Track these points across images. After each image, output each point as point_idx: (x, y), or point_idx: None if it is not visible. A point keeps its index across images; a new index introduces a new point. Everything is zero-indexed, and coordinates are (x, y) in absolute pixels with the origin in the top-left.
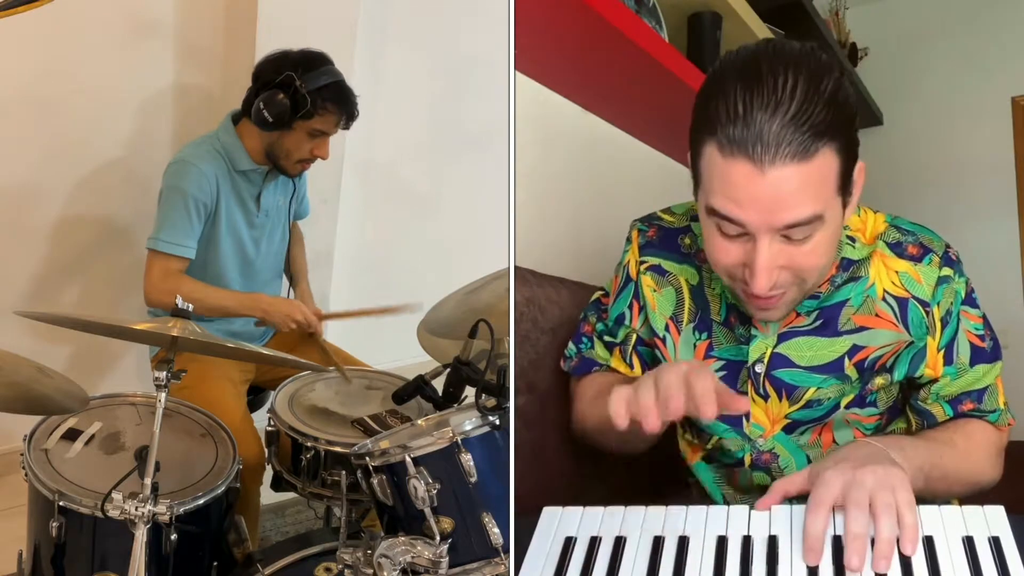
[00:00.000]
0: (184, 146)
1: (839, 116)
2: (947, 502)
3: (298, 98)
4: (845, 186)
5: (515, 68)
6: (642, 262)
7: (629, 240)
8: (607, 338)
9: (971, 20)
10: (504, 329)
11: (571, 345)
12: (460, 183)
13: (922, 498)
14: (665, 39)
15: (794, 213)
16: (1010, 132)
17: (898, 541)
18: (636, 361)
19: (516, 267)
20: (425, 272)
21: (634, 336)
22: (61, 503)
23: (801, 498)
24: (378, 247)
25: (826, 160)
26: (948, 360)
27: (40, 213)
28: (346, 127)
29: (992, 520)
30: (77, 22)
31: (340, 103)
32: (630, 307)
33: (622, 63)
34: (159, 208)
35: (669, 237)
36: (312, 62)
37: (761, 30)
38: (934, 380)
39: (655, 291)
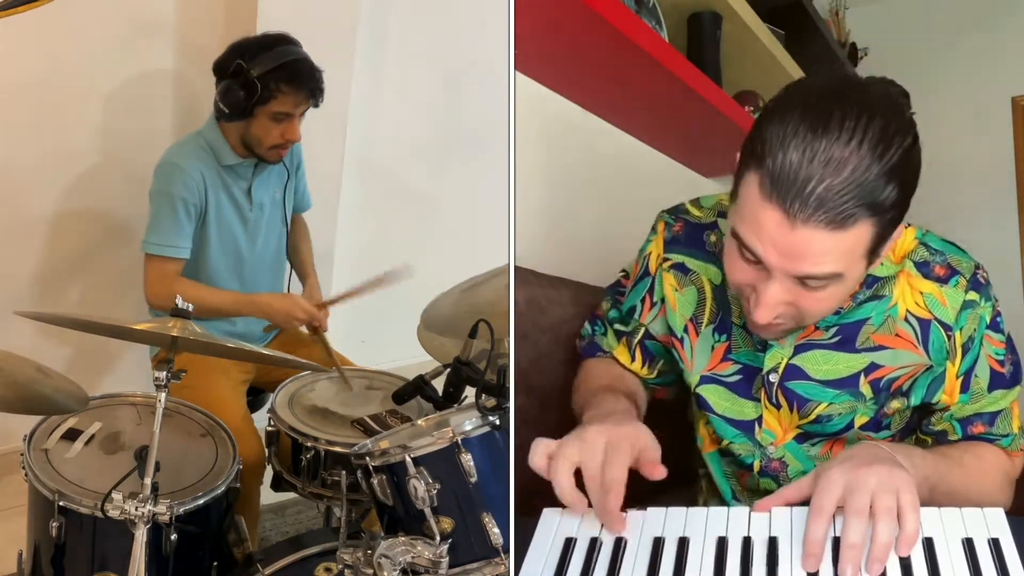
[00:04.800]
0: (170, 146)
1: (892, 192)
2: None
3: (249, 85)
4: (875, 250)
5: (515, 68)
6: (665, 259)
7: (654, 230)
8: (618, 326)
9: (971, 20)
10: (504, 329)
11: (587, 325)
12: (460, 183)
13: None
14: (665, 39)
15: (814, 269)
16: (1010, 132)
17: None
18: (639, 355)
19: (516, 267)
20: (425, 272)
21: (642, 330)
22: (61, 503)
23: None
24: (378, 247)
25: (861, 232)
26: (965, 387)
27: (40, 213)
28: (314, 105)
29: (992, 522)
30: (77, 22)
31: (294, 83)
32: (642, 301)
33: (622, 63)
34: (150, 211)
35: (695, 233)
36: (262, 46)
37: (761, 30)
38: (948, 407)
39: (676, 290)
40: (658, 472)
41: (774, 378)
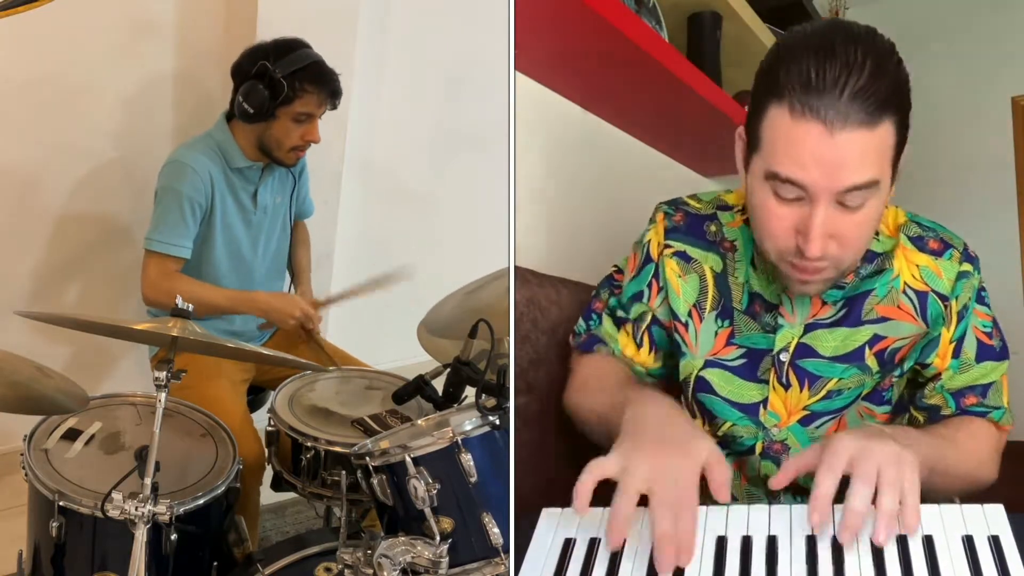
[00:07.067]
0: (179, 146)
1: (900, 94)
2: (949, 500)
3: (275, 85)
4: (897, 161)
5: (515, 68)
6: (667, 246)
7: (653, 221)
8: (619, 313)
9: (971, 21)
10: (504, 329)
11: (580, 322)
12: (460, 183)
13: (922, 495)
14: (665, 39)
15: (856, 176)
16: (1010, 132)
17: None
18: (647, 340)
19: (516, 267)
20: (425, 272)
21: (650, 315)
22: (61, 503)
23: (802, 497)
24: (378, 247)
25: (887, 131)
26: (956, 353)
27: (40, 213)
28: (332, 107)
29: (992, 519)
30: (77, 22)
31: (318, 83)
32: (649, 286)
33: (622, 63)
34: (155, 208)
35: (695, 223)
36: (285, 48)
37: (761, 30)
38: (938, 375)
39: (680, 277)
40: (722, 497)
41: (785, 357)
